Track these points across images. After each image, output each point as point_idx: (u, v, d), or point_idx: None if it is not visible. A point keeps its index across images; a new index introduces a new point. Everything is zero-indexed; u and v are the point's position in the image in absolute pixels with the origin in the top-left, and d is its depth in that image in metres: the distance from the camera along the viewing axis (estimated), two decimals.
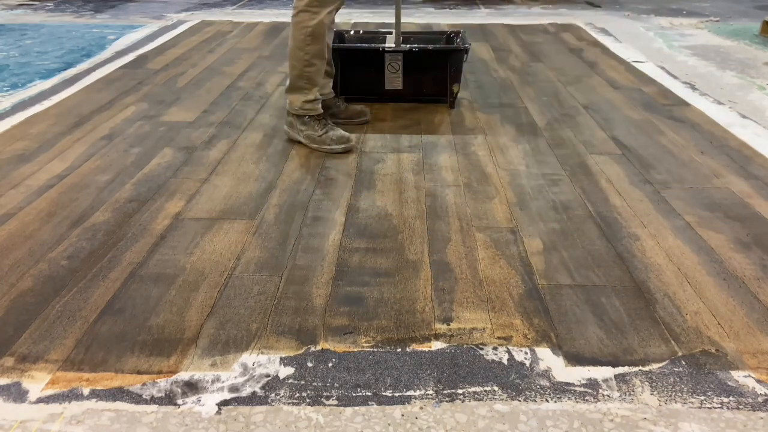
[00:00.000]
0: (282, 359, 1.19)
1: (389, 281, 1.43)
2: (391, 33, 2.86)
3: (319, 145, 2.17)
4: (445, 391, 1.11)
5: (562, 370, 1.16)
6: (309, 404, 1.08)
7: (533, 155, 2.14)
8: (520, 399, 1.09)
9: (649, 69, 3.25)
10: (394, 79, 2.64)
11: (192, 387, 1.12)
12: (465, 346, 1.22)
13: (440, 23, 4.49)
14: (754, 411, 1.06)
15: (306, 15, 2.08)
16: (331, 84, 2.43)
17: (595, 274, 1.46)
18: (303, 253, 1.54)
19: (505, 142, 2.26)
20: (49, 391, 1.10)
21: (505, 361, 1.18)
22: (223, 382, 1.13)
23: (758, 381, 1.13)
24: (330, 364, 1.17)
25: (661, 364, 1.17)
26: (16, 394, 1.10)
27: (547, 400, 1.09)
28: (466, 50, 2.56)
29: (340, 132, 2.18)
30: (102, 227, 1.66)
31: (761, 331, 1.26)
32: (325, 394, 1.10)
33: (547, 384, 1.13)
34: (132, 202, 1.79)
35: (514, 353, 1.20)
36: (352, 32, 2.90)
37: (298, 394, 1.10)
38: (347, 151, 2.15)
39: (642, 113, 2.57)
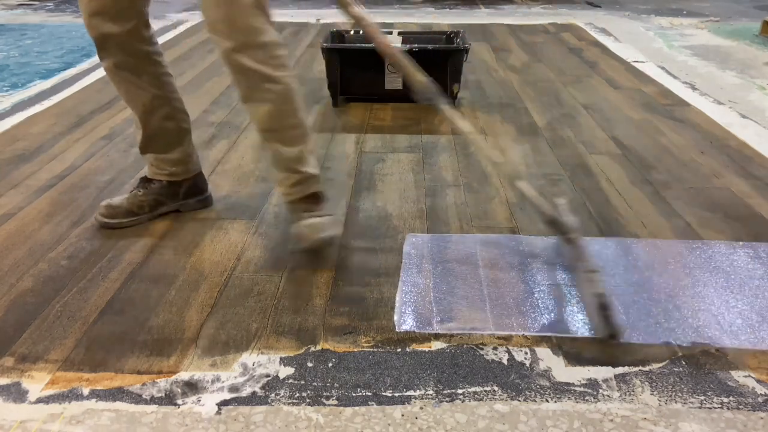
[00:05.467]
0: (282, 359, 1.18)
1: (389, 281, 1.43)
2: (391, 33, 2.86)
3: None
4: (445, 391, 1.11)
5: (562, 370, 1.16)
6: (309, 404, 1.08)
7: (533, 155, 2.14)
8: (520, 399, 1.09)
9: (649, 69, 3.25)
10: (394, 79, 2.64)
11: (192, 387, 1.12)
12: (465, 346, 1.22)
13: (440, 23, 4.49)
14: (754, 411, 1.06)
15: None
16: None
17: None
18: (303, 253, 1.54)
19: (505, 142, 2.26)
20: (49, 391, 1.10)
21: (505, 361, 1.18)
22: (223, 382, 1.13)
23: (758, 381, 1.13)
24: (330, 364, 1.17)
25: (661, 364, 1.17)
26: (16, 394, 1.10)
27: (547, 400, 1.09)
28: (466, 50, 2.56)
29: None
30: (102, 227, 1.65)
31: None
32: (325, 394, 1.10)
33: (547, 384, 1.12)
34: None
35: (514, 353, 1.20)
36: (352, 32, 2.90)
37: (298, 394, 1.10)
38: None
39: (642, 113, 2.57)
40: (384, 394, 1.10)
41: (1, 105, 2.66)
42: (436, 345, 1.22)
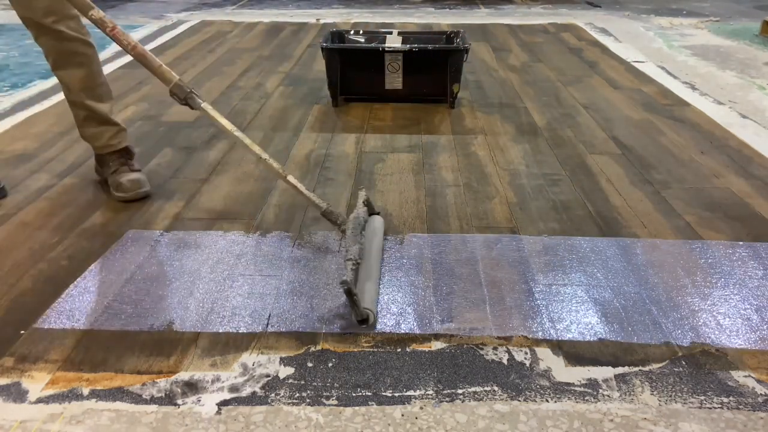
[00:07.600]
0: (282, 359, 1.18)
1: (389, 281, 1.43)
2: (391, 33, 2.86)
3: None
4: (445, 391, 1.11)
5: (562, 370, 1.16)
6: (309, 404, 1.08)
7: (533, 155, 2.14)
8: (520, 399, 1.09)
9: (649, 69, 3.25)
10: (394, 79, 2.64)
11: (192, 387, 1.12)
12: (465, 346, 1.22)
13: (440, 23, 4.49)
14: (754, 411, 1.06)
15: None
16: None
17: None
18: (302, 255, 1.54)
19: (505, 142, 2.26)
20: (49, 391, 1.10)
21: (505, 361, 1.18)
22: (223, 382, 1.13)
23: (758, 381, 1.13)
24: (330, 364, 1.17)
25: (661, 364, 1.17)
26: (16, 394, 1.10)
27: (547, 400, 1.09)
28: (466, 50, 2.56)
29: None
30: (102, 227, 1.66)
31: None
32: (325, 394, 1.10)
33: (547, 384, 1.12)
34: (132, 202, 1.79)
35: (514, 353, 1.20)
36: (352, 32, 2.90)
37: (298, 394, 1.10)
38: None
39: (642, 113, 2.57)
40: (384, 394, 1.10)
41: (1, 105, 2.66)
42: (436, 345, 1.22)
